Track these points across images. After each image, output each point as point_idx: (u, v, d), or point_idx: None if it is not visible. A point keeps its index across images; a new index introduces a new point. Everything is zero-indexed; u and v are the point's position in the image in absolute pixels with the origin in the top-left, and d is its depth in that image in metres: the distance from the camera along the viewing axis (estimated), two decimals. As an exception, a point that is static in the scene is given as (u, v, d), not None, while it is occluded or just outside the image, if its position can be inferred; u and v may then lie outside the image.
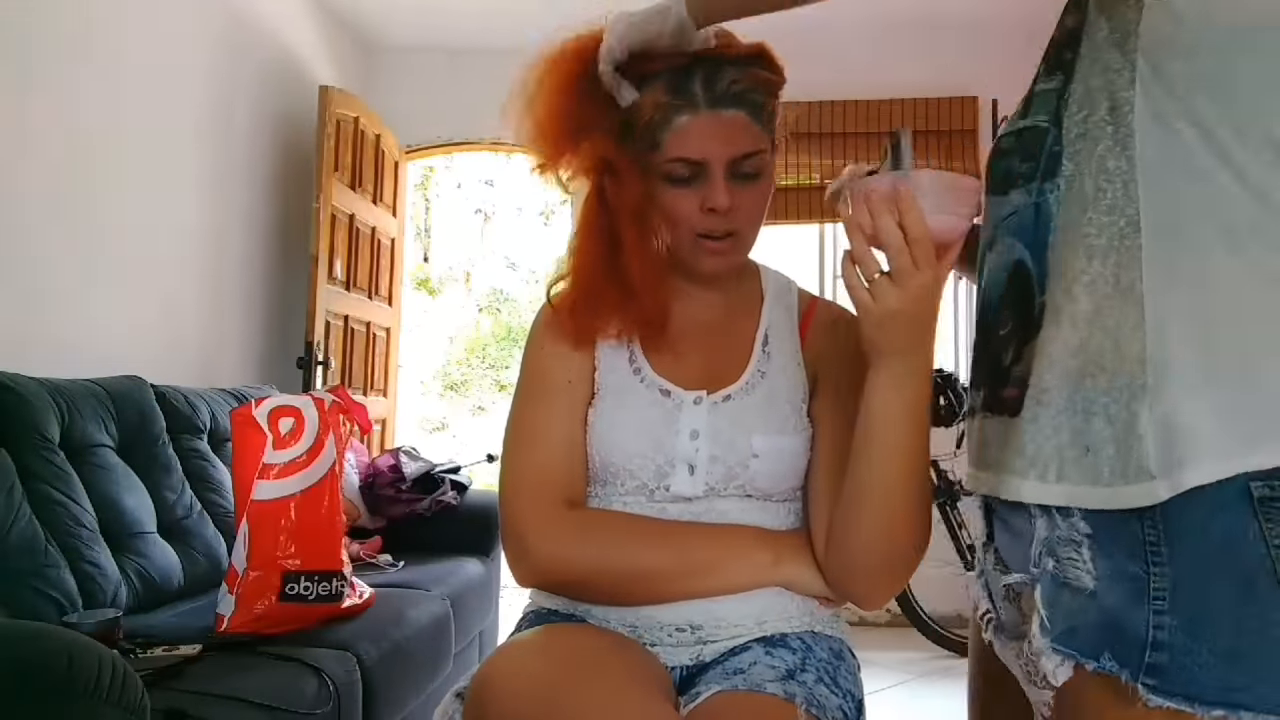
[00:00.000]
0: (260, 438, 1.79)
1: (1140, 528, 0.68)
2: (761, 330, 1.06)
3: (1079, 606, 0.71)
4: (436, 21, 4.01)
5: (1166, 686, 0.66)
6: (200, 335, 2.95)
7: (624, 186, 0.98)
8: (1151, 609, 0.67)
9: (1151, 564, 0.68)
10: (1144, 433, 0.68)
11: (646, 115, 0.97)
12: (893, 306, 0.81)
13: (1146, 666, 0.67)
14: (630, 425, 0.99)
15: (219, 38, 3.04)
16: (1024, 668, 0.78)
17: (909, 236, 0.79)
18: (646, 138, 0.97)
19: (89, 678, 0.99)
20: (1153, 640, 0.67)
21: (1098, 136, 0.72)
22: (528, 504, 0.98)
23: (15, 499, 1.72)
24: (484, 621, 2.70)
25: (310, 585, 1.75)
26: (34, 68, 2.21)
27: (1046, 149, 0.75)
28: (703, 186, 0.96)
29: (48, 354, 2.17)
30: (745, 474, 0.98)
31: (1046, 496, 0.73)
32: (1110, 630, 0.69)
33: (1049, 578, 0.73)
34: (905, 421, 0.87)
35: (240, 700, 1.41)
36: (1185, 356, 0.67)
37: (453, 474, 2.93)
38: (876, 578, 0.94)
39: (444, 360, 11.50)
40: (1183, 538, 0.67)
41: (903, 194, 0.79)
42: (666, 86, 0.96)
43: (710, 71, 0.95)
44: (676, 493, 0.98)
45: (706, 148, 0.95)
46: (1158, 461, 0.67)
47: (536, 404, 1.03)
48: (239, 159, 3.17)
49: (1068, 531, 0.72)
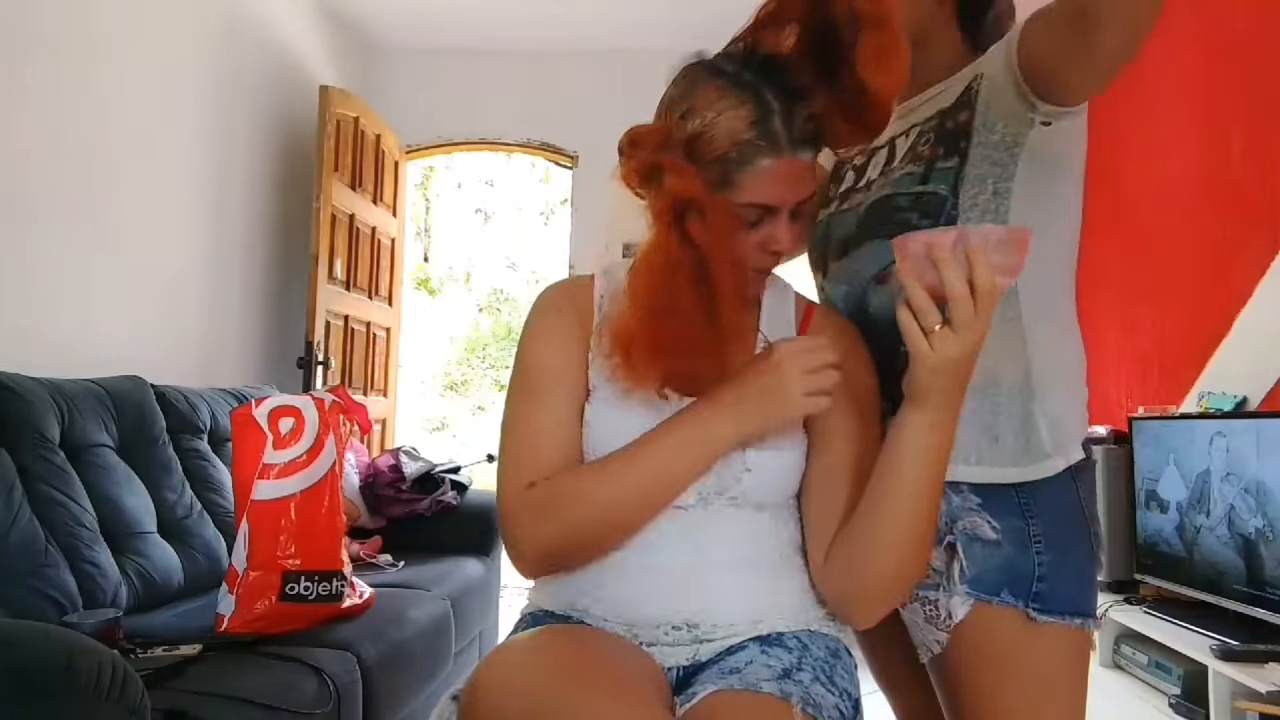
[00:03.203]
0: (260, 438, 1.79)
1: (1015, 495, 0.98)
2: (759, 338, 1.05)
3: (986, 554, 0.98)
4: (436, 21, 4.01)
5: (1048, 607, 0.95)
6: (200, 335, 2.95)
7: (717, 232, 0.91)
8: (1034, 549, 0.97)
9: (1029, 519, 0.97)
10: (1039, 425, 0.98)
11: (721, 149, 0.92)
12: (952, 356, 0.84)
13: (1033, 594, 0.96)
14: (625, 430, 0.98)
15: (219, 38, 3.04)
16: (927, 613, 1.01)
17: (977, 290, 0.81)
18: (718, 172, 0.92)
19: (89, 678, 0.99)
20: (1037, 574, 0.96)
21: (984, 210, 0.99)
22: (512, 490, 0.98)
23: (15, 499, 1.72)
24: (484, 621, 2.70)
25: (310, 585, 1.75)
26: (34, 68, 2.21)
27: (945, 212, 1.00)
28: (765, 227, 0.95)
29: (48, 354, 2.17)
30: (737, 487, 0.98)
31: (971, 476, 0.99)
32: (1007, 572, 0.97)
33: (964, 536, 0.99)
34: (930, 464, 0.89)
35: (240, 700, 1.41)
36: (1052, 371, 1.00)
37: (453, 474, 2.93)
38: (879, 601, 0.96)
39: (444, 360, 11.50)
40: (1043, 499, 0.98)
41: (975, 248, 0.80)
42: (749, 119, 0.91)
43: (792, 107, 0.91)
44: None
45: (782, 194, 0.93)
46: (1051, 444, 0.98)
47: (532, 401, 1.01)
48: (239, 159, 3.17)
49: (964, 503, 1.00)
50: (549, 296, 1.08)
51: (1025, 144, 0.98)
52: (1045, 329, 1.01)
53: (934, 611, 1.00)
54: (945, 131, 1.03)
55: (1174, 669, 2.14)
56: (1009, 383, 0.99)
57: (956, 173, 1.00)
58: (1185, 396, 2.71)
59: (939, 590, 1.00)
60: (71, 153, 2.34)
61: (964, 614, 0.97)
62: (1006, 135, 0.98)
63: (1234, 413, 2.39)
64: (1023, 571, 0.96)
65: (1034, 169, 0.98)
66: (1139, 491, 2.57)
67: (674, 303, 0.90)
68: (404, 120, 4.10)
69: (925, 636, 1.02)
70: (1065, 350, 1.03)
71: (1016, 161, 0.98)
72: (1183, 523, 2.36)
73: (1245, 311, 2.46)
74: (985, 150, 0.99)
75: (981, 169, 0.99)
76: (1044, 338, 1.01)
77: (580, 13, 3.88)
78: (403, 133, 4.09)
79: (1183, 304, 2.80)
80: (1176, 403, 2.75)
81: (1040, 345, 1.00)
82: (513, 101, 4.24)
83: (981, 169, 0.99)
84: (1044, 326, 1.01)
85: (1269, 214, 2.39)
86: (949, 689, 1.03)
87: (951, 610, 0.98)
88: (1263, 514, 2.06)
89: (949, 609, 0.98)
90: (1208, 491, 2.26)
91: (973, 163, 1.00)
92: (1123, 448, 2.67)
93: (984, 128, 1.00)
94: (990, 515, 0.98)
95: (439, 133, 4.29)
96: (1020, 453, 0.98)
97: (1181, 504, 2.37)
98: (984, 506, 0.99)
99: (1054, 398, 0.99)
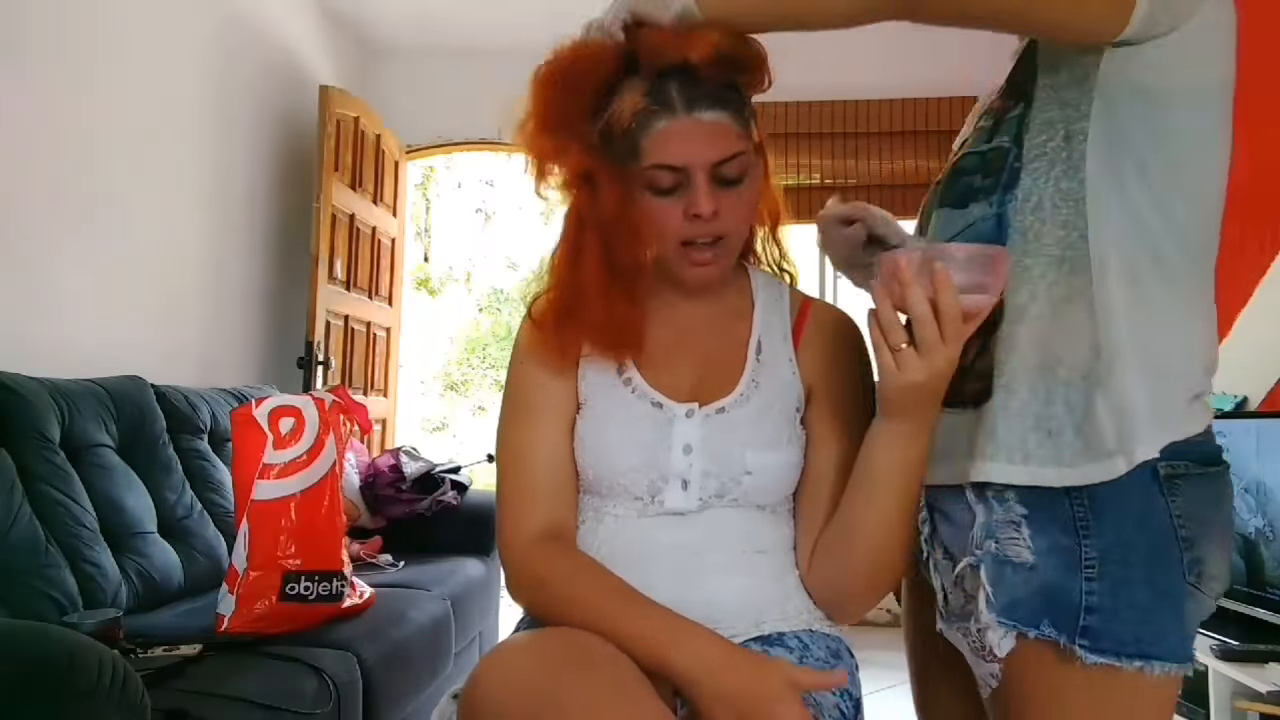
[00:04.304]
0: (261, 438, 1.79)
1: (1070, 506, 0.82)
2: (754, 338, 1.05)
3: (1020, 580, 0.83)
4: (436, 21, 4.00)
5: (1099, 645, 0.78)
6: (200, 335, 2.95)
7: (599, 198, 0.96)
8: (1083, 576, 0.80)
9: (1082, 537, 0.80)
10: (1101, 417, 0.81)
11: (625, 122, 0.94)
12: (915, 379, 0.82)
13: (1081, 629, 0.79)
14: (621, 439, 0.98)
15: (219, 38, 3.04)
16: (971, 644, 0.88)
17: (941, 314, 0.79)
18: (625, 145, 0.95)
19: (89, 678, 0.99)
20: (1085, 605, 0.79)
21: (1054, 159, 0.85)
22: (511, 532, 0.99)
23: (15, 499, 1.72)
24: (484, 621, 2.70)
25: (310, 585, 1.75)
26: (34, 68, 2.21)
27: (1008, 165, 0.88)
28: (686, 194, 0.94)
29: (48, 354, 2.17)
30: (738, 489, 0.98)
31: (1013, 477, 0.84)
32: (1048, 600, 0.81)
33: (991, 558, 0.85)
34: (904, 475, 0.89)
35: (240, 700, 1.41)
36: (1126, 353, 0.82)
37: (453, 474, 2.93)
38: (857, 600, 0.99)
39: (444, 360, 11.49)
40: (1106, 513, 0.80)
41: (939, 272, 0.78)
42: (644, 90, 0.94)
43: (687, 74, 0.93)
44: (670, 507, 0.98)
45: (687, 152, 0.93)
46: (1115, 441, 0.80)
47: (520, 424, 1.03)
48: (239, 159, 3.17)
49: (1005, 514, 0.85)
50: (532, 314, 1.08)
51: (1100, 76, 0.83)
52: (1133, 299, 0.83)
53: (977, 644, 0.88)
54: (1015, 79, 0.94)
55: (1174, 669, 2.14)
56: (1070, 366, 0.84)
57: (1020, 119, 0.89)
58: (1185, 396, 2.71)
59: (972, 620, 0.88)
60: (71, 152, 2.34)
61: (1009, 647, 0.84)
62: (1076, 70, 0.85)
63: (1234, 413, 2.39)
64: (1067, 601, 0.80)
65: (1121, 104, 0.83)
66: (1139, 491, 2.57)
67: (562, 270, 1.00)
68: (404, 120, 4.09)
69: (979, 670, 0.90)
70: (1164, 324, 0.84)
71: (1091, 99, 0.84)
72: (1183, 523, 2.36)
73: (1245, 312, 2.47)
74: (1052, 91, 0.87)
75: (1049, 112, 0.87)
76: (1128, 310, 0.83)
77: (580, 13, 3.87)
78: (403, 133, 4.09)
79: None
80: (1176, 403, 2.75)
81: (1119, 319, 0.83)
82: (513, 101, 4.23)
83: (1049, 112, 0.87)
84: (1131, 296, 0.83)
85: (1269, 214, 2.39)
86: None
87: (991, 643, 0.85)
88: (1263, 514, 2.06)
89: (987, 641, 0.86)
90: (1208, 491, 2.26)
91: (1039, 106, 0.88)
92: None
93: (1049, 64, 0.88)
94: (1032, 531, 0.84)
95: (439, 133, 4.28)
96: (1078, 451, 0.82)
97: (1182, 504, 2.37)
98: (1029, 520, 0.84)
99: (1130, 382, 0.82)
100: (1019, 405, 0.85)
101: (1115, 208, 0.83)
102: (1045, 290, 0.85)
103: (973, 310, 0.80)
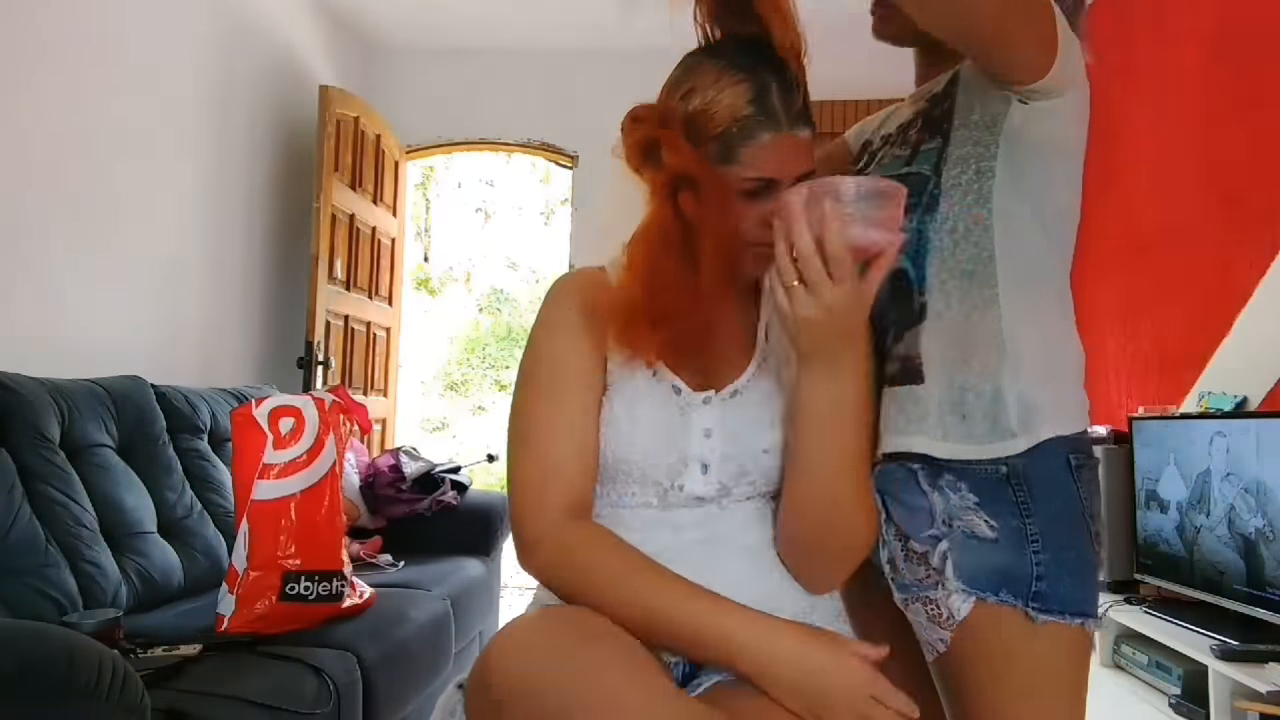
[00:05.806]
0: (260, 438, 1.79)
1: (1012, 492, 0.97)
2: (763, 322, 1.06)
3: (984, 553, 0.98)
4: (436, 21, 4.01)
5: (1047, 607, 0.95)
6: (200, 335, 2.95)
7: (711, 206, 0.93)
8: (1031, 549, 0.96)
9: (1025, 518, 0.97)
10: (1009, 404, 0.97)
11: (722, 125, 0.94)
12: (807, 315, 0.83)
13: (1032, 594, 0.95)
14: (646, 423, 0.98)
15: (219, 38, 3.04)
16: (929, 612, 1.02)
17: (825, 252, 0.80)
18: (719, 148, 0.94)
19: (89, 678, 0.99)
20: (1036, 574, 0.96)
21: (967, 190, 1.00)
22: (536, 504, 0.95)
23: (15, 499, 1.72)
24: (484, 621, 2.70)
25: (310, 585, 1.75)
26: (34, 68, 2.21)
27: (928, 192, 1.02)
28: (766, 200, 0.94)
29: (48, 354, 2.17)
30: (757, 469, 0.99)
31: (935, 450, 1.00)
32: (1004, 572, 0.97)
33: (959, 535, 0.99)
34: (832, 420, 0.91)
35: (240, 700, 1.41)
36: (1029, 355, 0.98)
37: (453, 474, 2.93)
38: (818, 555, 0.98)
39: (444, 360, 11.49)
40: (1040, 497, 0.97)
41: (827, 211, 0.79)
42: (748, 96, 0.93)
43: (787, 86, 0.94)
44: (690, 492, 0.98)
45: (784, 167, 0.94)
46: (1019, 425, 0.97)
47: (549, 398, 0.99)
48: (239, 159, 3.17)
49: (961, 501, 0.99)
50: (564, 287, 1.06)
51: (1006, 123, 0.98)
52: (1026, 311, 0.99)
53: (936, 611, 1.01)
54: (932, 116, 1.06)
55: (1174, 669, 2.14)
56: (981, 362, 0.98)
57: (939, 152, 1.02)
58: (1185, 396, 2.71)
59: (938, 589, 1.00)
60: (71, 152, 2.34)
61: (966, 612, 0.98)
62: (985, 115, 0.99)
63: (1234, 413, 2.39)
64: (1021, 573, 0.96)
65: (1018, 148, 0.98)
66: (1139, 491, 2.57)
67: (666, 274, 0.94)
68: (404, 120, 4.10)
69: (930, 635, 1.02)
70: (1050, 335, 1.02)
71: (998, 140, 0.98)
72: (1183, 523, 2.36)
73: (1245, 312, 2.47)
74: (967, 130, 1.00)
75: (964, 149, 1.00)
76: (1025, 319, 0.99)
77: (580, 13, 3.88)
78: (403, 133, 4.09)
79: (1183, 304, 2.80)
80: (1177, 403, 2.75)
81: (1019, 326, 0.99)
82: (513, 101, 4.24)
83: (964, 149, 1.00)
84: (1024, 308, 0.99)
85: (1269, 214, 2.39)
86: (950, 688, 1.03)
87: (953, 609, 0.99)
88: (1263, 514, 2.06)
89: (950, 608, 0.99)
90: (1208, 491, 2.26)
91: (955, 143, 1.01)
92: (1123, 448, 2.67)
93: (965, 108, 1.02)
94: (988, 515, 0.98)
95: (439, 133, 4.28)
96: (986, 431, 0.98)
97: (1181, 504, 2.37)
98: (981, 506, 0.98)
99: (1030, 381, 0.98)
100: (939, 393, 0.99)
101: (1016, 235, 0.99)
102: (959, 299, 0.99)
103: (863, 245, 0.81)
